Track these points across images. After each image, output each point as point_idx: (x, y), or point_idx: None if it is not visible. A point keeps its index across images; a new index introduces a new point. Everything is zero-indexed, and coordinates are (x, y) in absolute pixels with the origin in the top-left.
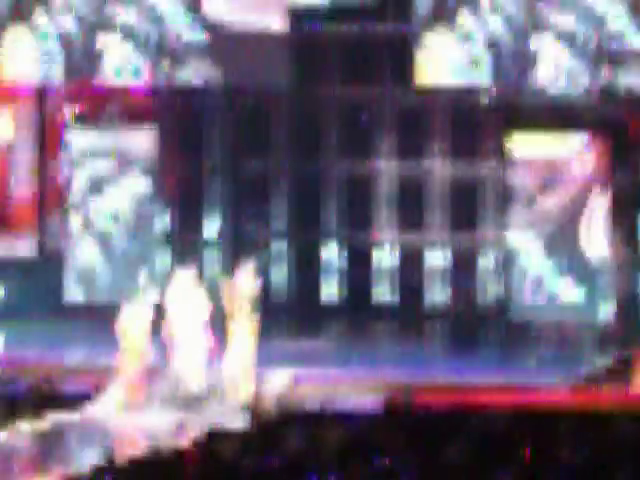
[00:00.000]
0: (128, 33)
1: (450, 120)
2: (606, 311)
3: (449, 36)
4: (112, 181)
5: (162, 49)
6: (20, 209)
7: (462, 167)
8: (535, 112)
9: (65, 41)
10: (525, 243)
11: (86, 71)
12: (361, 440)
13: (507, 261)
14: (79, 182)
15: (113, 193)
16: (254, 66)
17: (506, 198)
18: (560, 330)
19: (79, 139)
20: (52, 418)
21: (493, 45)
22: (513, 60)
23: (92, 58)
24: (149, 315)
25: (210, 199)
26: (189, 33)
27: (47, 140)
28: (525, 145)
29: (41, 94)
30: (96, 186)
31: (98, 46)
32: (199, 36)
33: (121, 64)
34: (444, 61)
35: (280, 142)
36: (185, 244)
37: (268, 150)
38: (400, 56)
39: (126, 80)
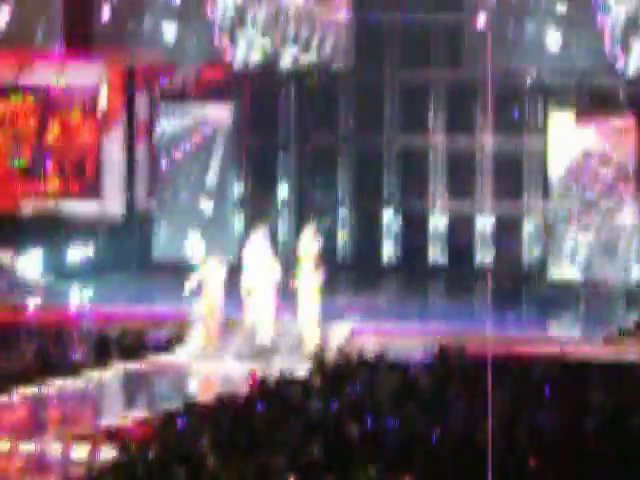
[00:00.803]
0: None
1: (496, 98)
2: (637, 273)
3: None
4: (194, 150)
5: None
6: (110, 174)
7: (507, 141)
8: (575, 91)
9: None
10: (564, 210)
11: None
12: (415, 386)
13: (548, 226)
14: (165, 150)
15: (195, 161)
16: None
17: (547, 169)
18: (595, 289)
19: (165, 112)
20: (138, 363)
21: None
22: (558, 40)
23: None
24: (225, 272)
25: (281, 168)
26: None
27: (135, 111)
28: (567, 121)
29: (130, 69)
30: (180, 154)
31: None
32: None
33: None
34: (492, 44)
35: (345, 118)
36: (258, 208)
37: (334, 125)
38: (452, 40)
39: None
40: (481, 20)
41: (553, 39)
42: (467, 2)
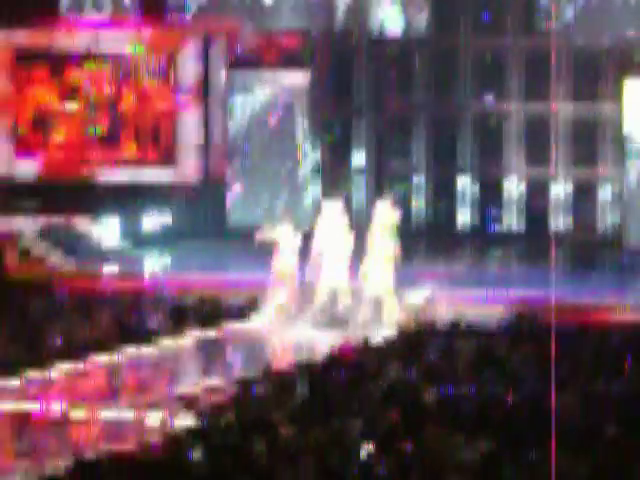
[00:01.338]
0: None
1: (572, 65)
2: None
3: None
4: (270, 117)
5: None
6: (186, 142)
7: (583, 108)
8: None
9: None
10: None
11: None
12: (491, 353)
13: (624, 194)
14: (241, 118)
15: (270, 128)
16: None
17: (622, 137)
18: None
19: (240, 78)
20: (214, 331)
21: None
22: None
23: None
24: (300, 238)
25: (357, 135)
26: None
27: (210, 78)
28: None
29: (206, 37)
30: (256, 121)
31: None
32: None
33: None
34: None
35: (420, 85)
36: (334, 175)
37: (409, 92)
38: (525, 5)
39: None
40: None
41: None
42: None
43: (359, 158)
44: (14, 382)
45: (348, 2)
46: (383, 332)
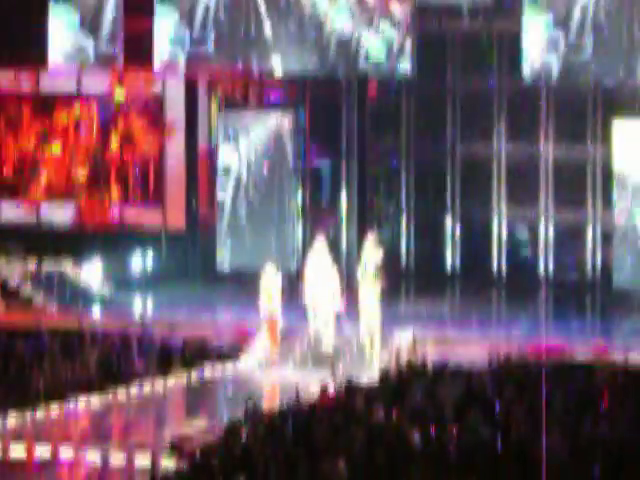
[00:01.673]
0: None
1: (558, 107)
2: None
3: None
4: (254, 159)
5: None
6: (172, 184)
7: (569, 150)
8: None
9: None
10: (628, 220)
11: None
12: (477, 394)
13: (611, 236)
14: (226, 160)
15: (254, 171)
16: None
17: (610, 179)
18: None
19: (226, 121)
20: (202, 371)
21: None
22: (616, 47)
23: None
24: (283, 281)
25: (343, 177)
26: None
27: (196, 121)
28: (628, 131)
29: (193, 80)
30: (243, 164)
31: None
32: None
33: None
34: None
35: (406, 126)
36: (318, 217)
37: (396, 133)
38: (510, 48)
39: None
40: (540, 30)
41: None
42: (526, 11)
43: (345, 199)
44: None
45: (336, 45)
46: (368, 373)
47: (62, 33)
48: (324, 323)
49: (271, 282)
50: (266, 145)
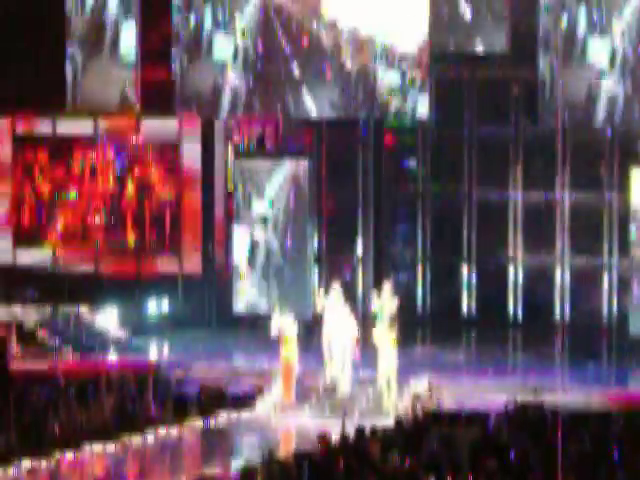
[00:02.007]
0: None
1: (574, 153)
2: None
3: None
4: (270, 205)
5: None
6: (189, 229)
7: (585, 196)
8: None
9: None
10: None
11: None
12: (492, 439)
13: (627, 282)
14: (242, 206)
15: (272, 215)
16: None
17: (626, 225)
18: None
19: (242, 167)
20: (218, 416)
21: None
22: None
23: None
24: (299, 326)
25: (359, 223)
26: None
27: (213, 167)
28: None
29: (208, 124)
30: (259, 209)
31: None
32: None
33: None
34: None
35: (422, 172)
36: (334, 263)
37: (412, 179)
38: (527, 96)
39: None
40: (555, 75)
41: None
42: (543, 58)
43: (360, 245)
44: (11, 472)
45: (350, 92)
46: (384, 419)
47: (80, 79)
48: (340, 369)
49: (287, 328)
50: (282, 191)
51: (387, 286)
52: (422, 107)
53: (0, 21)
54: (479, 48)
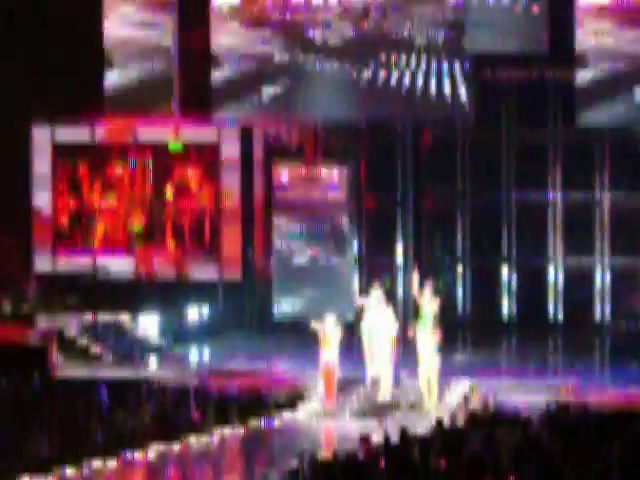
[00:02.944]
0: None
1: (613, 154)
2: None
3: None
4: (311, 209)
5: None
6: (228, 234)
7: (625, 197)
8: None
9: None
10: None
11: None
12: (534, 443)
13: None
14: (283, 211)
15: (312, 220)
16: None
17: None
18: None
19: (281, 171)
20: (259, 421)
21: None
22: None
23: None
24: (341, 330)
25: (399, 226)
26: None
27: (252, 171)
28: None
29: (247, 130)
30: (298, 214)
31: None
32: None
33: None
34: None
35: (462, 174)
36: (375, 267)
37: (451, 181)
38: (566, 97)
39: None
40: (593, 76)
41: None
42: (580, 58)
43: (402, 248)
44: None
45: (389, 94)
46: (425, 422)
47: (119, 83)
48: (381, 372)
49: (329, 331)
50: (322, 194)
51: (428, 288)
52: (461, 110)
53: (39, 28)
54: (518, 49)
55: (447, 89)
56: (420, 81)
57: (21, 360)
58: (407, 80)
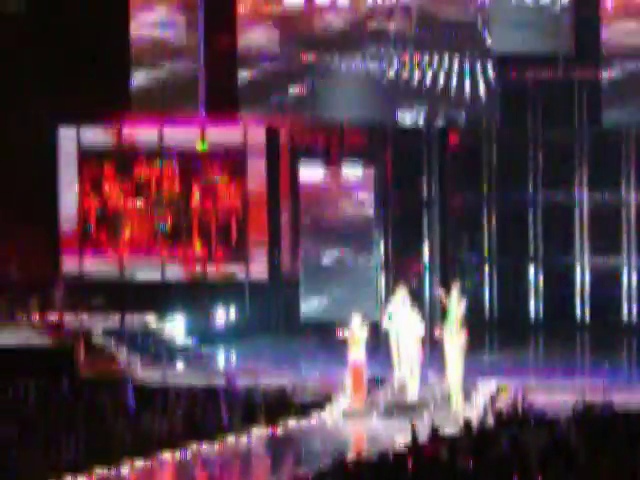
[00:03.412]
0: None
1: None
2: None
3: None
4: (337, 211)
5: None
6: (255, 235)
7: None
8: None
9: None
10: None
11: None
12: (563, 443)
13: None
14: (309, 213)
15: (339, 221)
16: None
17: None
18: None
19: (307, 174)
20: (286, 424)
21: None
22: None
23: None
24: (369, 331)
25: (425, 227)
26: None
27: (278, 172)
28: None
29: (273, 131)
30: (324, 216)
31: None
32: None
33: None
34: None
35: (488, 174)
36: (401, 267)
37: (477, 182)
38: (591, 97)
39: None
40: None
41: None
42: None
43: (427, 249)
44: None
45: (414, 95)
46: (453, 422)
47: (145, 84)
48: (409, 373)
49: (357, 332)
50: (347, 196)
51: (455, 289)
52: (487, 110)
53: (66, 29)
54: (543, 49)
55: (472, 89)
56: (444, 80)
57: (48, 362)
58: (429, 80)
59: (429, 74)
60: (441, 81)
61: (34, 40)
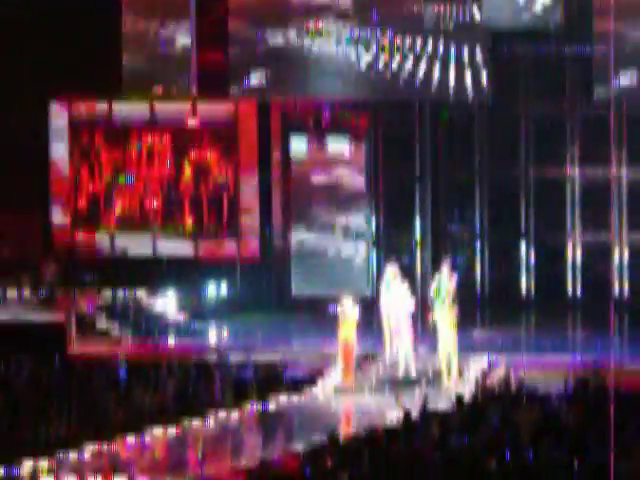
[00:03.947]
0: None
1: (631, 129)
2: None
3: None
4: (329, 185)
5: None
6: (247, 213)
7: None
8: None
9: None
10: None
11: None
12: (553, 420)
13: None
14: (300, 188)
15: (330, 197)
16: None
17: None
18: None
19: (300, 149)
20: (276, 400)
21: None
22: None
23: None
24: (360, 307)
25: (416, 203)
26: None
27: (270, 149)
28: None
29: (265, 106)
30: (315, 191)
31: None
32: None
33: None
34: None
35: (479, 151)
36: (393, 243)
37: (469, 158)
38: (582, 72)
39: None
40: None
41: None
42: (597, 34)
43: (419, 225)
44: (74, 456)
45: (406, 69)
46: (444, 399)
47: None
48: (400, 349)
49: (347, 309)
50: (338, 170)
51: (446, 265)
52: (478, 86)
53: (56, 3)
54: (534, 24)
55: (463, 67)
56: (434, 61)
57: (39, 338)
58: (424, 64)
59: (420, 56)
60: (434, 55)
61: (26, 18)
